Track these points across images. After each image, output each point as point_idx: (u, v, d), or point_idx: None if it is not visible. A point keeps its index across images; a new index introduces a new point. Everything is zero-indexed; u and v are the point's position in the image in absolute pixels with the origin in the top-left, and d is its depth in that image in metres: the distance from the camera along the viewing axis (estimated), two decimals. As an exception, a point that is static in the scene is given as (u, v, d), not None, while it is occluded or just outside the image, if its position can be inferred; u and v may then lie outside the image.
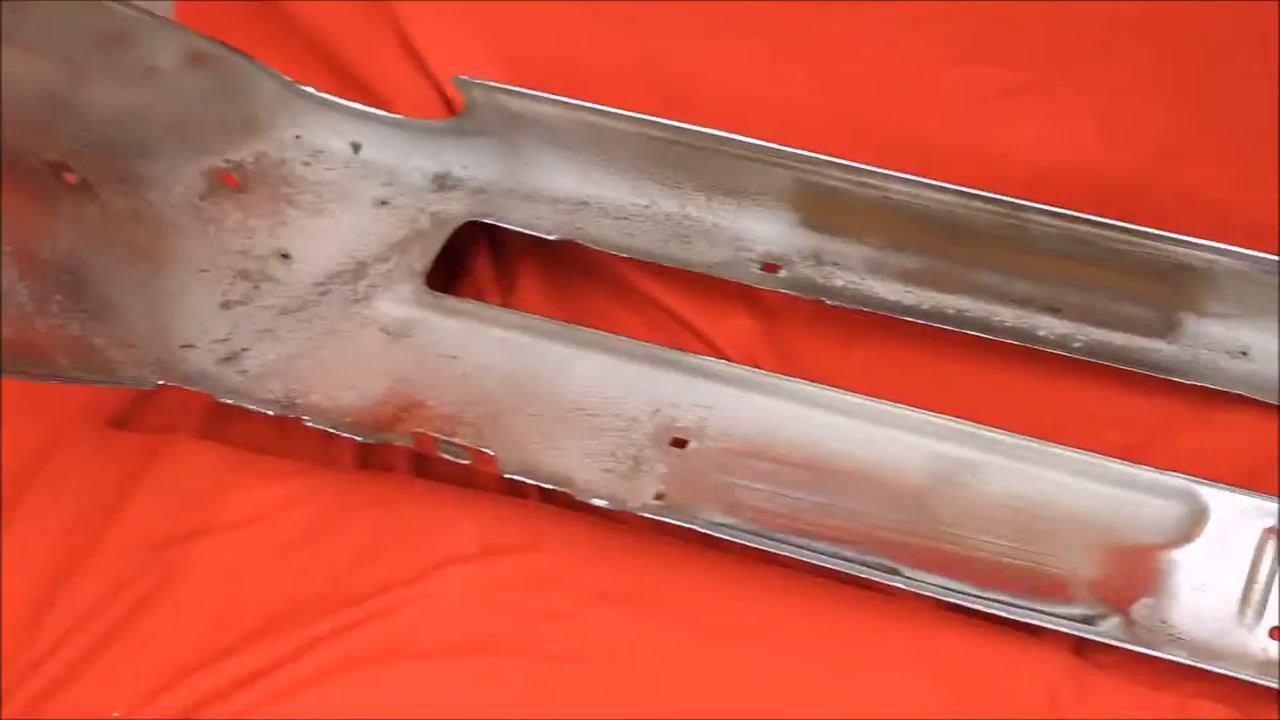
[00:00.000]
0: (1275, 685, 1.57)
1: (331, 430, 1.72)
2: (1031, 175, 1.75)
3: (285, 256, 1.85)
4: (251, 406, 1.75)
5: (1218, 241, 1.67)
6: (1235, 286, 1.70)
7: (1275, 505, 1.65)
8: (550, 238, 1.84)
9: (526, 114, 1.86)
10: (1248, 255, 1.65)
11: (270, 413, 1.73)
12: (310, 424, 1.72)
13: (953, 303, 1.75)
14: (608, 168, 1.88)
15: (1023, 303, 1.75)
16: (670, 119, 1.82)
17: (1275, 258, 1.68)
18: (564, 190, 1.86)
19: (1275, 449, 1.71)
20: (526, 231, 1.87)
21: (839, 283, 1.79)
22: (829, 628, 1.62)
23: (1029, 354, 1.78)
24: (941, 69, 1.81)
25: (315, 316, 1.81)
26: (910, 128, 1.82)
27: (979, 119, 1.78)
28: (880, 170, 1.72)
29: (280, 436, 1.83)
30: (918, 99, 1.80)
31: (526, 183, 1.87)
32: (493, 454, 1.67)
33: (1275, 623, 1.63)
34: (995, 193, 1.73)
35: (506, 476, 1.71)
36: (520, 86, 1.86)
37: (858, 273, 1.80)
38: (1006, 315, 1.74)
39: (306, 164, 1.91)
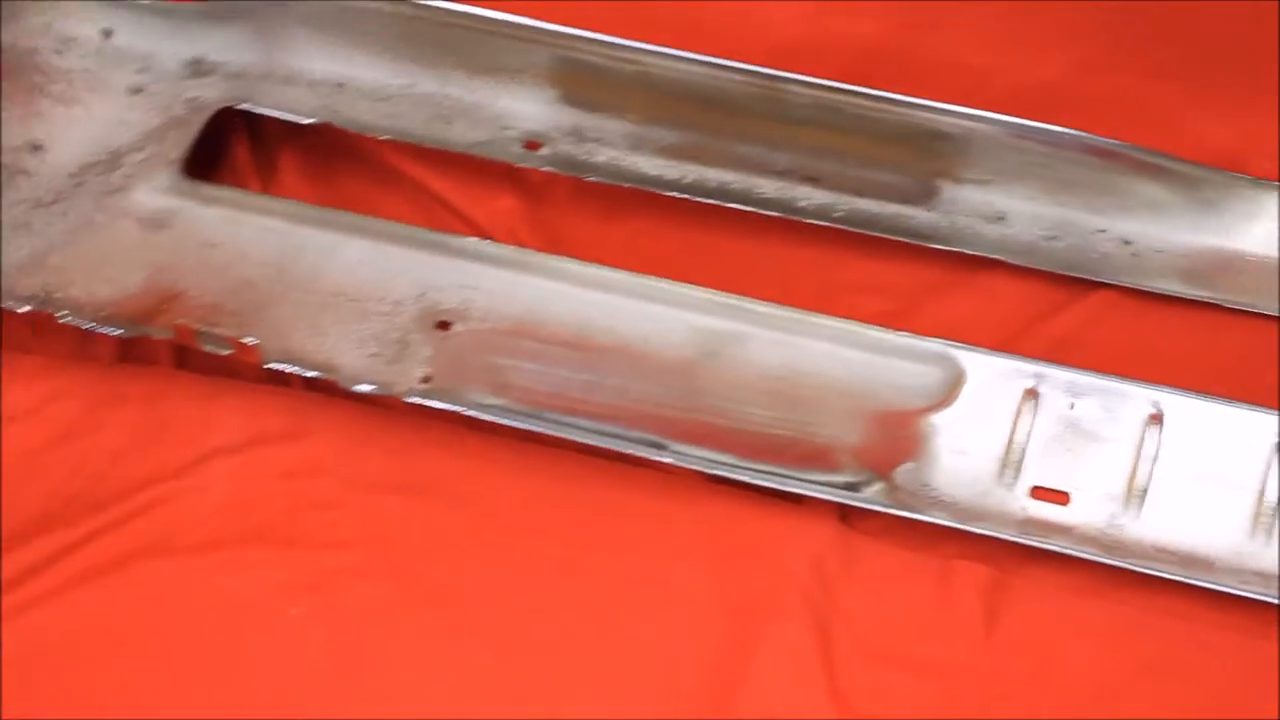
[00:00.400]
0: (1035, 544, 1.63)
1: (88, 326, 1.65)
2: (788, 46, 1.72)
3: (37, 148, 1.81)
4: (6, 305, 1.68)
5: (971, 107, 1.64)
6: (990, 152, 1.71)
7: (1032, 367, 1.70)
8: (308, 121, 1.79)
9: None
10: (1001, 121, 1.67)
11: (25, 309, 1.65)
12: (67, 319, 1.64)
13: (714, 176, 1.75)
14: (365, 49, 1.86)
15: (782, 174, 1.75)
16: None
17: (1029, 123, 1.70)
18: (321, 73, 1.83)
19: (1031, 312, 1.70)
20: (284, 116, 1.80)
21: (600, 159, 1.78)
22: (597, 504, 1.65)
23: (790, 225, 1.78)
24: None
25: (70, 209, 1.78)
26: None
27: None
28: (637, 44, 1.71)
29: (38, 334, 1.75)
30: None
31: (283, 66, 1.84)
32: (255, 343, 1.63)
33: (1034, 482, 1.60)
34: (751, 64, 1.65)
35: (269, 367, 1.62)
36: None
37: (619, 148, 1.78)
38: (767, 187, 1.74)
39: (58, 52, 1.88)
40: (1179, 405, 1.64)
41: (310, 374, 1.70)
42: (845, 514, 1.64)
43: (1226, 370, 1.67)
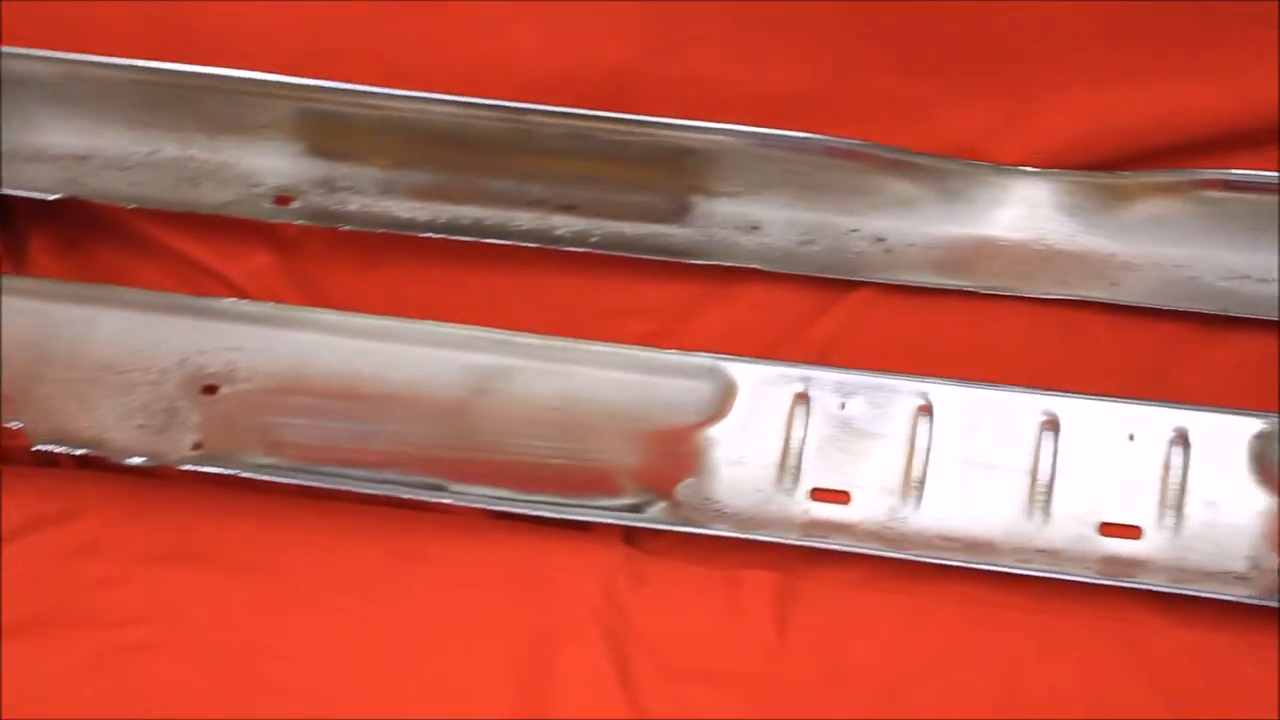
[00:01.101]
0: (819, 545, 1.67)
1: None
2: (536, 78, 1.72)
3: None
4: None
5: (714, 122, 1.65)
6: (738, 164, 1.73)
7: (799, 372, 1.74)
8: (53, 197, 1.76)
9: (17, 73, 1.77)
10: (746, 132, 1.69)
11: None
12: None
13: (468, 213, 1.75)
14: (105, 118, 1.83)
15: (537, 205, 1.76)
16: (163, 62, 1.75)
17: (774, 132, 1.74)
18: (63, 147, 1.81)
19: (794, 317, 1.76)
20: (29, 195, 1.79)
21: (353, 207, 1.78)
22: (384, 552, 1.64)
23: (550, 254, 1.79)
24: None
25: None
26: (416, 44, 1.76)
27: (477, 29, 1.74)
28: (379, 90, 1.72)
29: None
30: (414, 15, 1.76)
31: (25, 144, 1.79)
32: (20, 427, 1.62)
33: (814, 484, 1.61)
34: (498, 99, 1.69)
35: (39, 449, 1.63)
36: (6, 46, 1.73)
37: (370, 195, 1.77)
38: (523, 219, 1.74)
39: None
40: (946, 394, 1.67)
41: (80, 452, 1.64)
42: (631, 535, 1.64)
43: (989, 355, 1.69)
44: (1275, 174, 1.65)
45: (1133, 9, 1.65)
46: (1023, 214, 1.70)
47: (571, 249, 1.75)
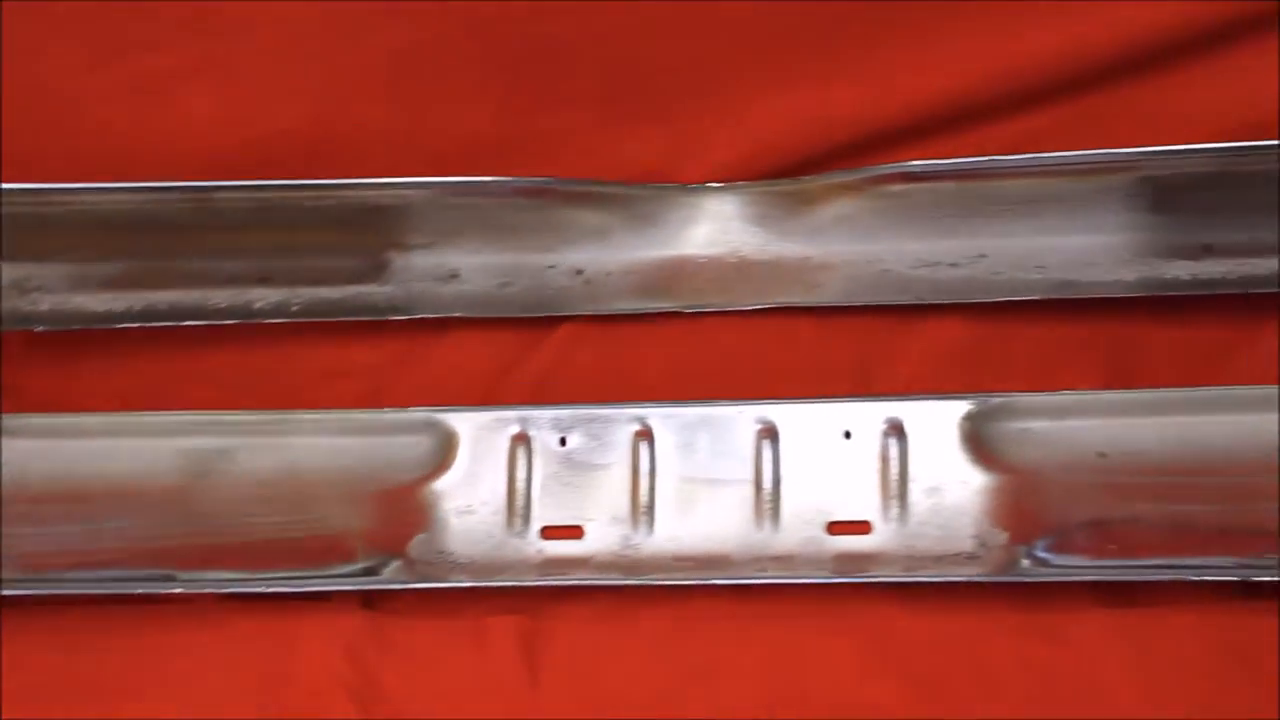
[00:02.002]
0: (558, 583, 1.69)
1: None
2: (220, 153, 1.70)
3: None
4: None
5: (399, 177, 1.65)
6: (428, 215, 1.73)
7: (515, 413, 1.78)
8: None
9: None
10: (430, 183, 1.69)
11: None
12: None
13: (163, 298, 1.73)
14: None
15: (233, 281, 1.75)
16: None
17: (458, 179, 1.77)
18: None
19: (504, 360, 1.84)
20: None
21: (44, 307, 1.75)
22: (123, 651, 1.61)
23: (254, 328, 1.75)
24: (106, 63, 1.73)
25: None
26: (93, 125, 1.73)
27: (148, 108, 1.72)
28: (60, 186, 1.71)
29: None
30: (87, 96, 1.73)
31: None
32: None
33: (545, 523, 1.64)
34: (183, 180, 1.70)
35: None
36: None
37: (61, 292, 1.75)
38: (220, 296, 1.73)
39: None
40: (662, 416, 1.71)
41: None
42: (371, 599, 1.62)
43: (701, 372, 1.71)
44: (948, 161, 1.73)
45: (788, 19, 1.67)
46: (714, 230, 1.72)
47: (274, 320, 1.69)
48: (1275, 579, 1.53)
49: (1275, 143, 1.64)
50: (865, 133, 1.71)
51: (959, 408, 1.60)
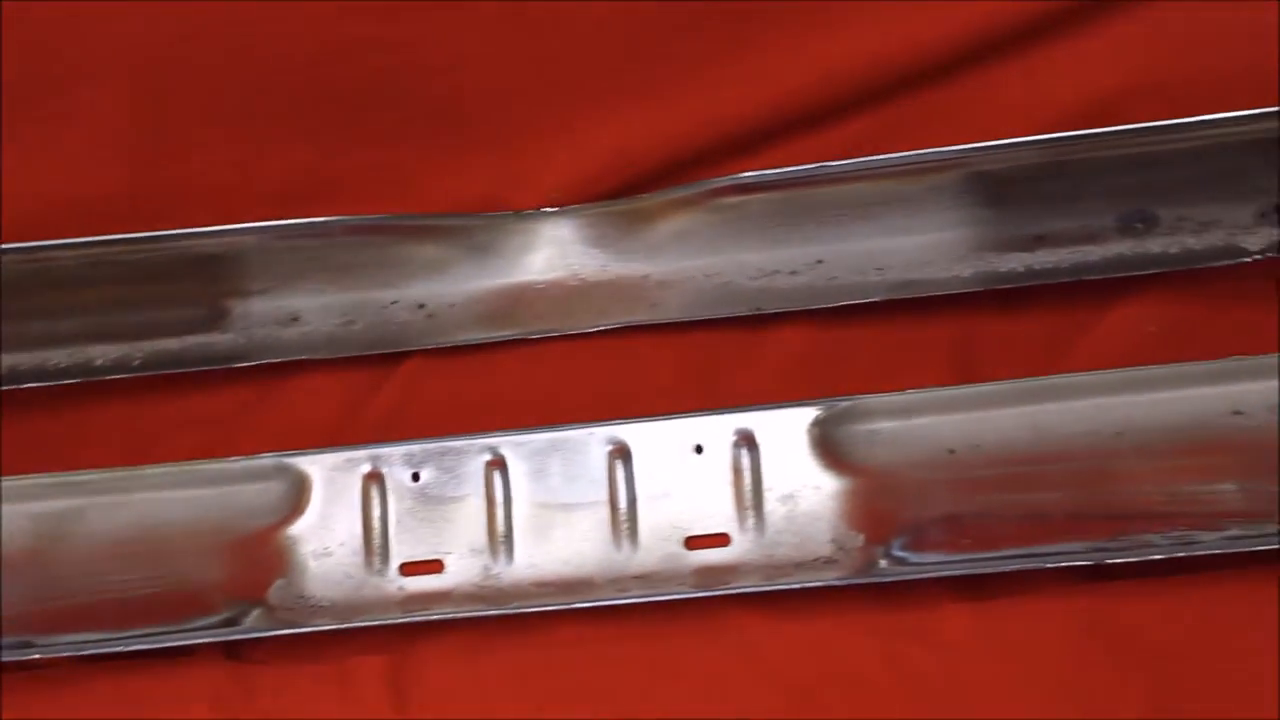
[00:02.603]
0: (421, 619, 1.69)
1: None
2: (38, 212, 1.68)
3: None
4: None
5: (233, 224, 1.65)
6: (265, 260, 1.72)
7: (366, 452, 1.78)
8: None
9: None
10: (265, 228, 1.71)
11: None
12: None
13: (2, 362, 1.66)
14: None
15: (71, 340, 1.74)
16: None
17: (289, 222, 1.78)
18: None
19: (352, 398, 1.84)
20: None
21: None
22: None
23: (99, 385, 1.75)
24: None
25: None
26: None
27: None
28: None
29: None
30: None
31: None
32: None
33: (404, 559, 1.65)
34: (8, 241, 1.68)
35: None
36: None
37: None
38: (59, 356, 1.72)
39: None
40: (513, 444, 1.72)
41: None
42: (235, 649, 1.61)
43: (550, 397, 1.72)
44: (780, 171, 1.76)
45: (611, 40, 1.68)
46: (553, 254, 1.72)
47: (116, 376, 1.67)
48: (1128, 559, 1.56)
49: (1100, 131, 1.68)
50: (697, 147, 1.71)
51: (807, 414, 1.61)
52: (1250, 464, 1.57)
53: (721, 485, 1.62)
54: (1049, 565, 1.56)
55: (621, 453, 1.63)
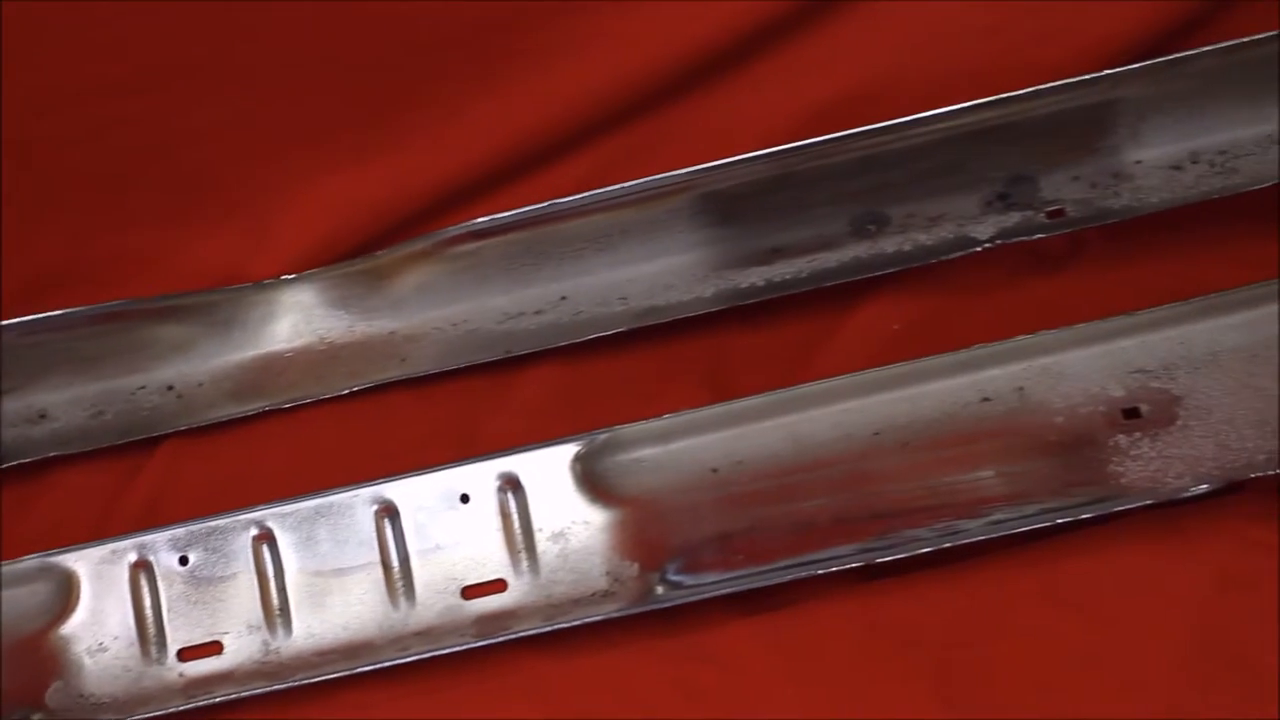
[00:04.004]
0: (204, 704, 1.68)
1: None
2: None
3: None
4: None
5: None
6: (7, 359, 1.72)
7: (130, 541, 1.77)
8: None
9: None
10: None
11: None
12: None
13: None
14: None
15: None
16: None
17: (28, 319, 1.75)
18: None
19: (109, 491, 1.83)
20: None
21: None
22: None
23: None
24: None
25: None
26: None
27: None
28: None
29: None
30: None
31: None
32: None
33: (181, 645, 1.65)
34: None
35: None
36: None
37: None
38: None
39: None
40: (278, 515, 1.72)
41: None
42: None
43: (311, 465, 1.69)
44: (512, 213, 1.81)
45: (331, 101, 1.69)
46: (298, 321, 1.71)
47: None
48: (897, 556, 1.61)
49: (822, 139, 1.73)
50: (436, 197, 1.73)
51: (568, 451, 1.62)
52: (1004, 448, 1.59)
53: (491, 531, 1.62)
54: (821, 571, 1.55)
55: (389, 511, 1.62)
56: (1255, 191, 1.72)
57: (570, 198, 1.66)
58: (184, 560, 1.62)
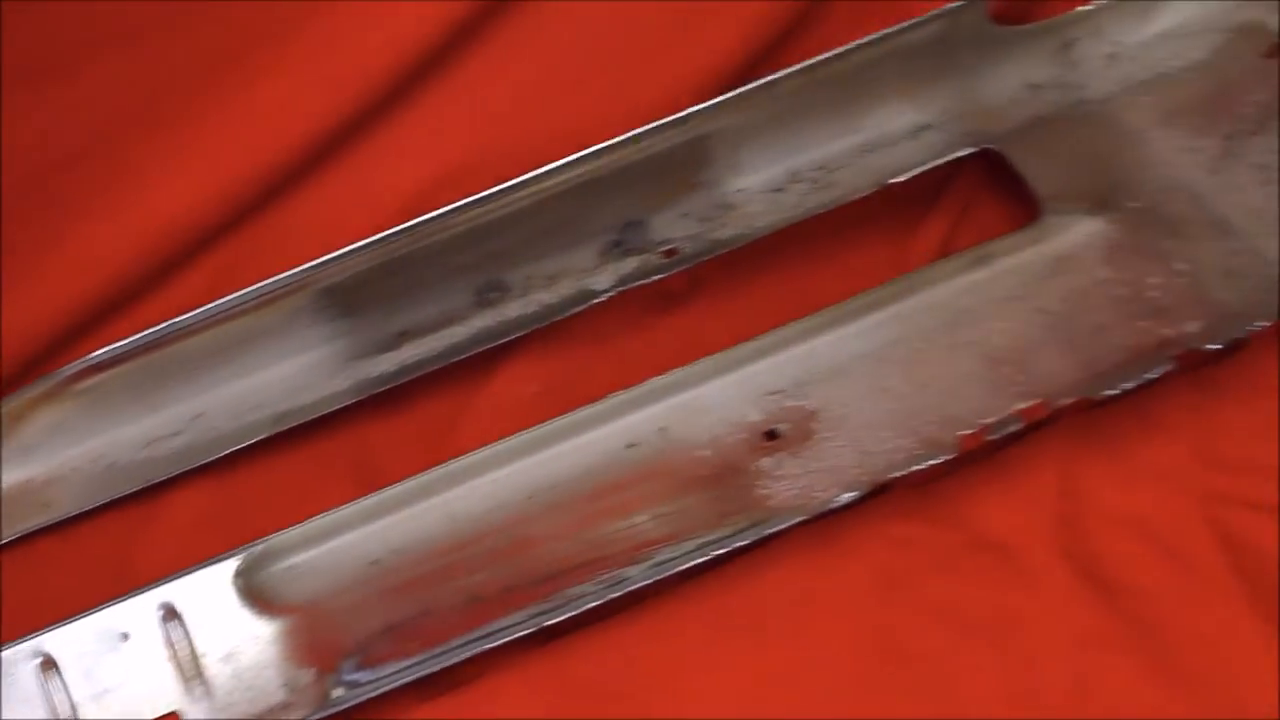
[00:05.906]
0: None
1: None
2: None
3: None
4: None
5: None
6: None
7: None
8: None
9: None
10: None
11: None
12: None
13: None
14: None
15: None
16: None
17: None
18: None
19: None
20: None
21: None
22: None
23: None
24: None
25: None
26: None
27: None
28: None
29: None
30: None
31: None
32: None
33: None
34: None
35: None
36: None
37: None
38: None
39: None
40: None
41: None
42: None
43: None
44: (126, 341, 1.80)
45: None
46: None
47: None
48: (566, 615, 1.65)
49: (430, 215, 1.76)
50: (43, 335, 1.67)
51: (226, 569, 1.61)
52: (656, 490, 1.61)
53: (159, 665, 1.61)
54: (496, 643, 1.53)
55: (50, 664, 1.59)
56: (855, 201, 1.73)
57: (185, 315, 1.65)
58: None
